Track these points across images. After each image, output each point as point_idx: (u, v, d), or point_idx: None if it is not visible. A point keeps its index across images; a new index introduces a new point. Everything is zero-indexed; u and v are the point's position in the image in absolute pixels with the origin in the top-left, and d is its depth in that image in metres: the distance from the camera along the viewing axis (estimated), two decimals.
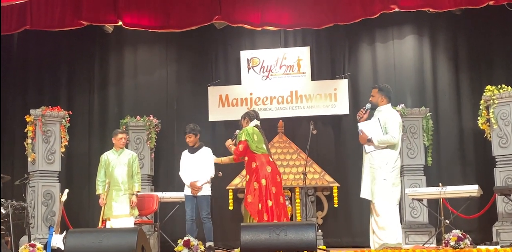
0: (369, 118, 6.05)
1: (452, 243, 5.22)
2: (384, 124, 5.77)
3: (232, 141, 6.65)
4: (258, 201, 6.20)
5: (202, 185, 6.81)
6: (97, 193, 7.09)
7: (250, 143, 6.40)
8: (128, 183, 7.05)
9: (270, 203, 6.22)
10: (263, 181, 6.26)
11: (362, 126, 5.91)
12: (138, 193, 7.13)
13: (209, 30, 9.12)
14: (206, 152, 7.00)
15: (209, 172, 6.88)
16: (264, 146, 6.54)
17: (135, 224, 7.23)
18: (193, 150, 7.01)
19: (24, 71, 9.50)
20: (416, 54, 9.10)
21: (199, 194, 6.81)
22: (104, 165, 7.11)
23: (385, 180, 5.70)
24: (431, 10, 8.30)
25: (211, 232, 6.79)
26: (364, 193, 5.86)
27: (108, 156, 7.17)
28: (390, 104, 5.99)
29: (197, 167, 6.89)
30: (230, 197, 8.54)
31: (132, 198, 7.01)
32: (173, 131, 9.27)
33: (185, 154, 7.10)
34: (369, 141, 5.80)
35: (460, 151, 8.75)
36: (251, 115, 6.70)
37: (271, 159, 6.55)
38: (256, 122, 6.64)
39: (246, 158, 6.49)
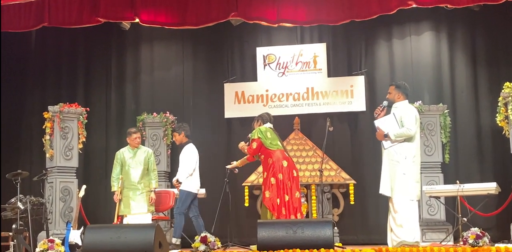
0: (385, 115, 6.03)
1: (470, 241, 5.18)
2: (400, 118, 5.75)
3: (246, 143, 6.73)
4: (276, 196, 6.25)
5: (179, 182, 7.07)
6: (112, 190, 7.14)
7: (263, 140, 6.47)
8: (145, 181, 7.10)
9: (287, 197, 6.25)
10: (280, 176, 6.32)
11: (378, 123, 5.89)
12: (155, 190, 7.16)
13: (225, 26, 9.12)
14: (185, 149, 7.23)
15: (185, 168, 7.07)
16: (279, 143, 6.60)
17: (152, 220, 7.27)
18: (180, 147, 7.33)
19: (42, 68, 9.58)
20: (434, 51, 9.03)
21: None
22: (119, 163, 7.16)
23: (404, 175, 5.66)
24: (448, 6, 8.22)
25: (176, 227, 6.99)
26: (383, 189, 5.80)
27: (124, 154, 7.21)
28: (407, 101, 5.96)
29: (180, 164, 7.19)
30: (246, 193, 8.55)
31: (150, 195, 7.05)
32: (190, 127, 9.28)
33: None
34: (386, 136, 5.78)
35: (478, 148, 8.68)
36: (264, 118, 6.78)
37: (287, 155, 6.58)
38: (269, 125, 6.70)
39: (262, 156, 6.54)
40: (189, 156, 7.14)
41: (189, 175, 7.10)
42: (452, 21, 8.96)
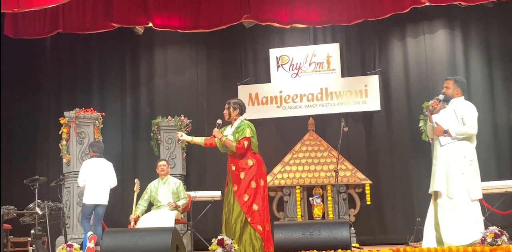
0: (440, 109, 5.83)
1: (489, 239, 5.11)
2: (461, 116, 5.53)
3: (219, 130, 5.90)
4: (254, 201, 5.75)
5: None
6: (132, 215, 7.03)
7: (253, 140, 5.81)
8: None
9: (256, 207, 5.75)
10: (261, 182, 5.84)
11: (437, 118, 5.63)
12: (178, 208, 7.15)
13: (238, 29, 9.14)
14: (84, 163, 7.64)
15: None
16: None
17: None
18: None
19: (58, 74, 9.67)
20: (448, 49, 8.97)
21: None
22: (148, 193, 7.23)
23: (463, 174, 5.48)
24: (462, 3, 8.17)
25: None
26: (438, 186, 5.51)
27: (154, 185, 7.29)
28: (463, 97, 5.69)
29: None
30: None
31: (172, 203, 7.07)
32: (204, 130, 9.31)
33: None
34: (445, 133, 5.56)
35: (495, 146, 8.61)
36: (243, 107, 6.00)
37: None
38: (245, 116, 6.04)
39: (238, 154, 5.80)
40: (84, 168, 7.49)
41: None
42: (466, 19, 8.90)
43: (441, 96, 5.62)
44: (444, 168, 5.55)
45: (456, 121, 5.51)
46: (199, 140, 6.20)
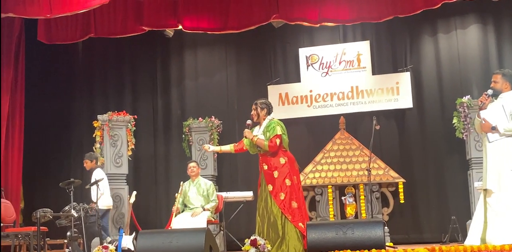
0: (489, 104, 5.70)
1: None
2: (509, 111, 5.38)
3: (249, 131, 5.92)
4: (291, 198, 5.75)
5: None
6: (174, 207, 7.21)
7: (284, 137, 5.82)
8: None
9: (295, 204, 5.79)
10: (295, 179, 5.86)
11: (485, 114, 5.48)
12: (205, 211, 7.15)
13: (267, 29, 9.14)
14: (93, 174, 7.68)
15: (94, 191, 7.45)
16: None
17: None
18: (89, 173, 7.81)
19: (90, 78, 9.81)
20: (481, 44, 8.81)
21: None
22: (182, 194, 7.29)
23: None
24: None
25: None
26: (491, 184, 5.32)
27: (186, 187, 7.36)
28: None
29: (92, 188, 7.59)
30: None
31: (198, 211, 7.10)
32: (235, 131, 9.35)
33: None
34: (493, 129, 5.42)
35: None
36: (270, 107, 6.01)
37: None
38: (273, 115, 6.08)
39: (270, 152, 5.82)
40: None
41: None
42: (498, 13, 8.73)
43: (489, 91, 5.47)
44: (495, 165, 5.36)
45: (504, 117, 5.34)
46: (227, 148, 6.23)
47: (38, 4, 7.33)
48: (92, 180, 7.54)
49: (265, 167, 5.85)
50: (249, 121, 5.94)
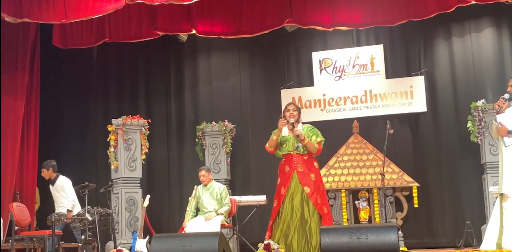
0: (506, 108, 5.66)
1: None
2: None
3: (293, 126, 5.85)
4: (324, 203, 5.83)
5: (70, 210, 7.39)
6: (185, 222, 7.19)
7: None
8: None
9: (325, 210, 5.86)
10: (323, 185, 5.94)
11: (501, 118, 5.47)
12: (218, 215, 7.17)
13: (280, 33, 9.14)
14: (63, 181, 7.62)
15: (71, 198, 7.52)
16: None
17: None
18: (51, 182, 7.69)
19: (105, 82, 9.88)
20: (496, 47, 8.76)
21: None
22: (195, 198, 7.32)
23: None
24: (509, 1, 7.96)
25: None
26: (506, 189, 5.31)
27: (199, 191, 7.38)
28: None
29: (58, 197, 7.62)
30: None
31: (212, 215, 7.10)
32: (248, 135, 9.36)
33: (51, 186, 7.75)
34: (510, 133, 5.41)
35: None
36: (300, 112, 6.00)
37: None
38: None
39: (307, 156, 5.87)
40: (70, 187, 7.61)
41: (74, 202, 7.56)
42: None
43: (506, 95, 5.46)
44: (511, 170, 5.36)
45: None
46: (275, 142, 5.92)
47: (53, 9, 7.39)
48: (67, 189, 7.61)
49: (300, 169, 5.80)
50: (292, 120, 5.82)
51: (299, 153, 5.86)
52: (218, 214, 7.14)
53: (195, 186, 7.38)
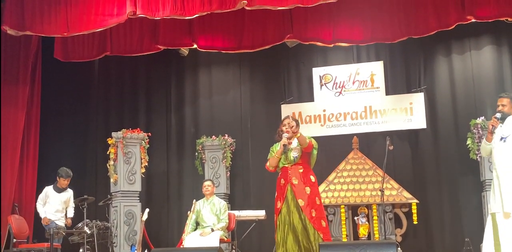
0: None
1: None
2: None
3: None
4: (321, 217, 5.75)
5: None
6: (183, 235, 7.13)
7: (315, 152, 5.93)
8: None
9: (326, 221, 5.86)
10: (318, 199, 5.86)
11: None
12: (213, 232, 7.09)
13: (281, 48, 9.19)
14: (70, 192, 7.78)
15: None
16: None
17: None
18: (60, 190, 7.76)
19: (105, 96, 9.90)
20: (495, 65, 8.80)
21: None
22: (195, 212, 7.29)
23: None
24: (509, 19, 8.02)
25: None
26: (494, 208, 5.36)
27: (199, 205, 7.35)
28: None
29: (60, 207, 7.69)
30: None
31: (207, 231, 7.05)
32: (248, 149, 9.36)
33: (51, 191, 7.76)
34: (492, 132, 5.41)
35: None
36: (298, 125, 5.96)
37: None
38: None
39: (303, 169, 5.85)
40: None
41: None
42: None
43: (498, 115, 5.51)
44: (497, 187, 5.38)
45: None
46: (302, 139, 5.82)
47: (55, 22, 7.45)
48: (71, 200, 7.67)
49: (295, 181, 5.76)
50: (287, 135, 5.79)
51: (294, 164, 5.83)
52: (213, 230, 7.10)
53: (194, 201, 7.35)
